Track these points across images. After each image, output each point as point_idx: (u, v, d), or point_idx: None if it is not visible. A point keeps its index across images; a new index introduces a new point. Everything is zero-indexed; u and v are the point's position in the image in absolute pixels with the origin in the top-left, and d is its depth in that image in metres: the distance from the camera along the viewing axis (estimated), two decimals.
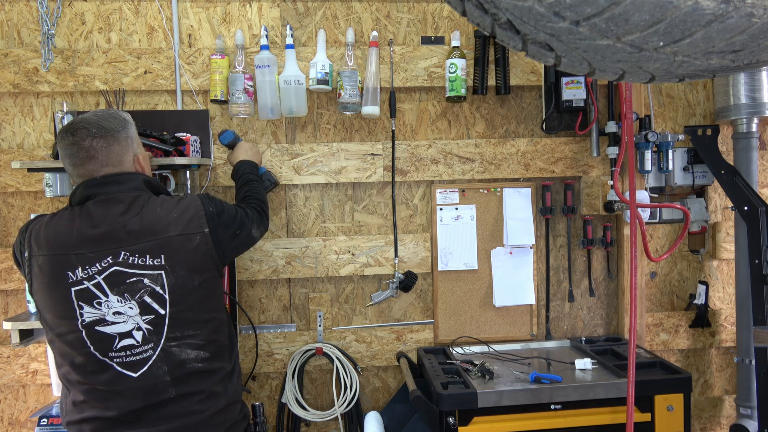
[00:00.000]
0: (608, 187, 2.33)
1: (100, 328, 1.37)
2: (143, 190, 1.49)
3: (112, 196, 1.43)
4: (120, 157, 1.49)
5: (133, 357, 1.38)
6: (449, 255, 2.38)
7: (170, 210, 1.45)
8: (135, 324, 1.37)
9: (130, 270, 1.37)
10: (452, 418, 1.85)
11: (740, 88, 2.24)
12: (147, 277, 1.38)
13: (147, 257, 1.38)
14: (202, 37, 2.28)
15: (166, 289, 1.39)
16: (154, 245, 1.39)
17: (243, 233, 1.61)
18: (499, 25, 0.83)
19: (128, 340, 1.37)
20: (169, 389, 1.40)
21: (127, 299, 1.37)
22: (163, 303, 1.39)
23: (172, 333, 1.40)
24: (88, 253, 1.37)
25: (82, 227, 1.40)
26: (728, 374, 2.53)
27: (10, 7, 2.21)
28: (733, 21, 0.69)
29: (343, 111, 2.24)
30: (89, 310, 1.36)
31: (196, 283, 1.42)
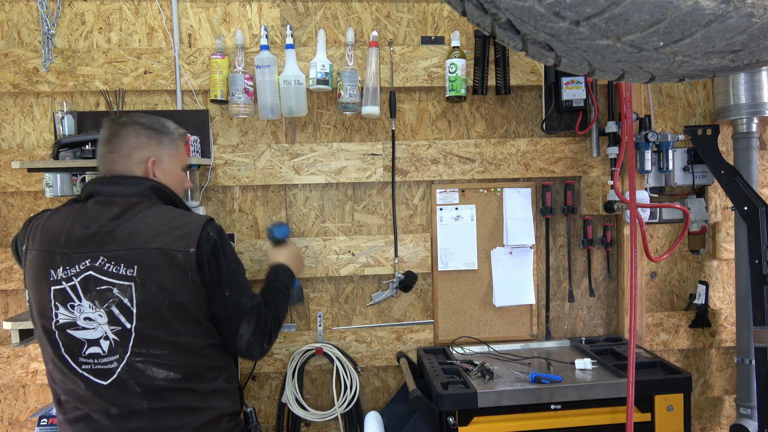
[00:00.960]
0: (608, 187, 2.33)
1: (71, 331, 1.33)
2: (147, 197, 1.42)
3: (111, 198, 1.40)
4: (131, 149, 1.45)
5: (101, 366, 1.33)
6: (449, 255, 2.38)
7: (162, 222, 1.37)
8: (103, 333, 1.33)
9: (102, 277, 1.32)
10: (452, 418, 1.85)
11: (740, 88, 2.24)
12: (116, 287, 1.32)
13: (121, 266, 1.32)
14: (202, 37, 2.28)
15: (134, 303, 1.32)
16: (130, 254, 1.33)
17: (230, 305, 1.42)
18: (499, 25, 0.83)
19: (95, 348, 1.33)
20: (141, 401, 1.34)
21: (97, 306, 1.32)
22: (129, 316, 1.32)
23: (137, 349, 1.33)
24: (72, 253, 1.34)
25: (74, 226, 1.37)
26: (728, 374, 2.53)
27: (10, 7, 2.21)
28: (733, 21, 0.69)
29: (343, 111, 2.24)
30: (63, 312, 1.34)
31: (167, 303, 1.33)
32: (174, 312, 1.34)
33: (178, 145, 1.55)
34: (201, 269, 1.35)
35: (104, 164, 1.46)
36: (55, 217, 1.42)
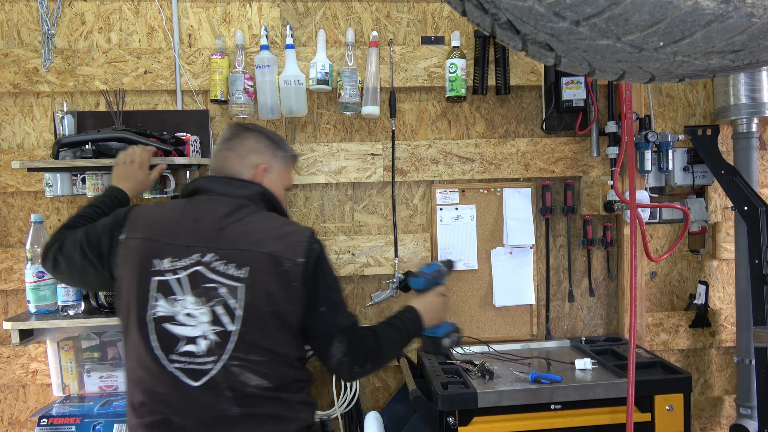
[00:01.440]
0: (608, 187, 2.33)
1: (168, 325, 1.28)
2: (255, 201, 1.43)
3: (222, 198, 1.40)
4: (247, 151, 1.50)
5: (194, 365, 1.27)
6: (449, 255, 2.38)
7: (272, 228, 1.37)
8: (203, 332, 1.28)
9: (210, 274, 1.29)
10: (452, 418, 1.85)
11: (740, 88, 2.24)
12: (224, 287, 1.28)
13: (232, 266, 1.29)
14: (202, 37, 2.28)
15: (240, 305, 1.28)
16: (242, 255, 1.30)
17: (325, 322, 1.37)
18: (499, 25, 0.83)
19: (191, 347, 1.27)
20: (232, 406, 1.28)
21: (202, 304, 1.28)
22: (233, 318, 1.28)
23: (237, 353, 1.28)
24: (180, 245, 1.31)
25: (184, 218, 1.36)
26: (728, 374, 2.53)
27: (10, 7, 2.21)
28: (733, 21, 0.69)
29: (343, 111, 2.24)
30: (163, 305, 1.29)
31: (270, 310, 1.30)
32: (276, 320, 1.31)
33: (288, 163, 1.60)
34: (304, 281, 1.33)
35: (217, 161, 1.51)
36: (160, 208, 1.42)
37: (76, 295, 1.94)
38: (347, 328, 1.41)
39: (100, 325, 2.05)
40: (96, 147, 1.91)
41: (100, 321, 1.92)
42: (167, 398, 1.29)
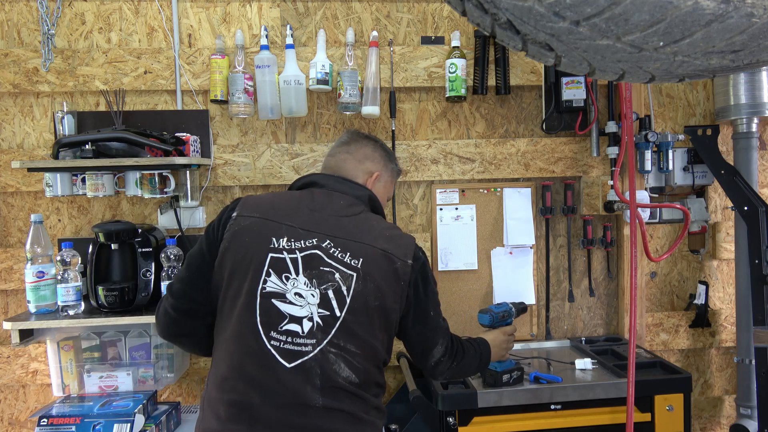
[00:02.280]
0: (608, 187, 2.33)
1: (275, 301, 1.30)
2: (365, 203, 1.49)
3: (339, 194, 1.46)
4: (363, 156, 1.57)
5: (292, 346, 1.28)
6: (449, 255, 2.38)
7: (385, 228, 1.43)
8: (309, 313, 1.29)
9: (327, 259, 1.33)
10: (452, 418, 1.85)
11: (740, 88, 2.24)
12: (339, 273, 1.32)
13: (348, 255, 1.33)
14: (202, 37, 2.28)
15: (350, 293, 1.31)
16: (358, 247, 1.35)
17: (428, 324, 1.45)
18: (499, 25, 0.83)
19: (295, 326, 1.28)
20: (317, 396, 1.27)
21: (313, 286, 1.30)
22: (342, 305, 1.30)
23: (337, 339, 1.29)
24: (300, 228, 1.35)
25: (302, 205, 1.41)
26: (728, 374, 2.53)
27: (10, 7, 2.21)
28: (733, 21, 0.69)
29: (343, 111, 2.24)
30: (274, 281, 1.31)
31: (377, 304, 1.33)
32: (378, 315, 1.34)
33: (394, 176, 1.67)
34: (410, 282, 1.38)
35: (334, 161, 1.57)
36: (274, 195, 1.49)
37: (76, 295, 1.94)
38: (447, 330, 1.51)
39: (100, 325, 2.05)
40: (96, 147, 1.91)
41: (100, 321, 1.92)
42: (254, 376, 1.28)
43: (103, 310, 1.94)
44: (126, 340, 2.11)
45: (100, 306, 1.94)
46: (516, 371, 1.93)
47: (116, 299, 1.93)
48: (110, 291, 1.93)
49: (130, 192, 2.08)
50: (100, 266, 2.00)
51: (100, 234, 1.94)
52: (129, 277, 1.99)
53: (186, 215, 2.24)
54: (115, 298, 1.93)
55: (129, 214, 2.28)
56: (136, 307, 1.97)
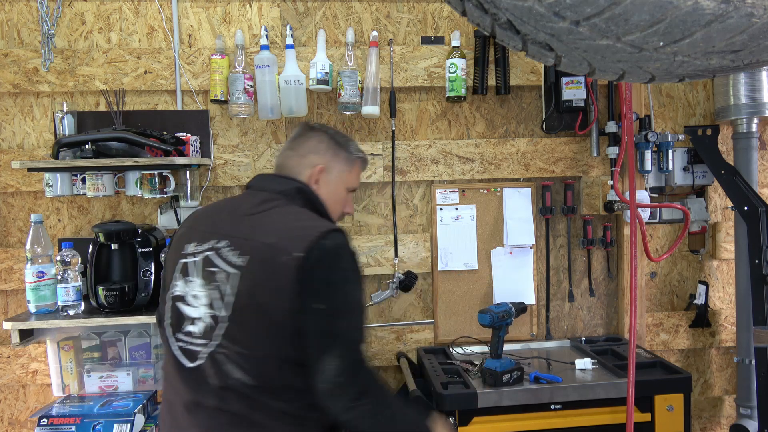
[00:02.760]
0: (608, 187, 2.33)
1: (179, 304, 1.33)
2: (290, 196, 1.41)
3: (258, 192, 1.44)
4: (307, 151, 1.50)
5: (192, 346, 1.29)
6: (449, 255, 2.38)
7: (287, 221, 1.33)
8: (201, 314, 1.28)
9: (216, 259, 1.30)
10: (452, 418, 1.85)
11: (740, 88, 2.24)
12: (225, 273, 1.27)
13: (236, 253, 1.27)
14: (202, 37, 2.28)
15: (233, 292, 1.24)
16: (247, 244, 1.28)
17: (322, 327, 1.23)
18: (499, 25, 0.83)
19: (193, 327, 1.29)
20: (210, 396, 1.25)
21: (205, 286, 1.29)
22: (226, 305, 1.25)
23: (224, 339, 1.24)
24: (207, 232, 1.37)
25: (221, 210, 1.44)
26: (728, 374, 2.53)
27: (10, 7, 2.21)
28: (733, 21, 0.69)
29: (343, 111, 2.24)
30: (180, 284, 1.34)
31: (258, 302, 1.23)
32: (263, 314, 1.23)
33: (352, 166, 1.57)
34: (298, 277, 1.20)
35: (279, 159, 1.55)
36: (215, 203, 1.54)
37: (76, 295, 1.94)
38: (351, 343, 1.26)
39: (100, 325, 2.05)
40: (96, 147, 1.91)
41: (100, 321, 1.92)
42: (171, 377, 1.35)
43: (103, 310, 1.94)
44: (126, 340, 2.11)
45: (100, 306, 1.94)
46: (516, 371, 1.93)
47: (116, 299, 1.93)
48: (110, 291, 1.93)
49: (130, 192, 2.09)
50: (100, 266, 2.00)
51: (100, 234, 1.95)
52: (129, 277, 1.99)
53: (186, 215, 2.23)
54: (115, 298, 1.93)
55: (129, 214, 2.28)
56: (136, 307, 1.97)
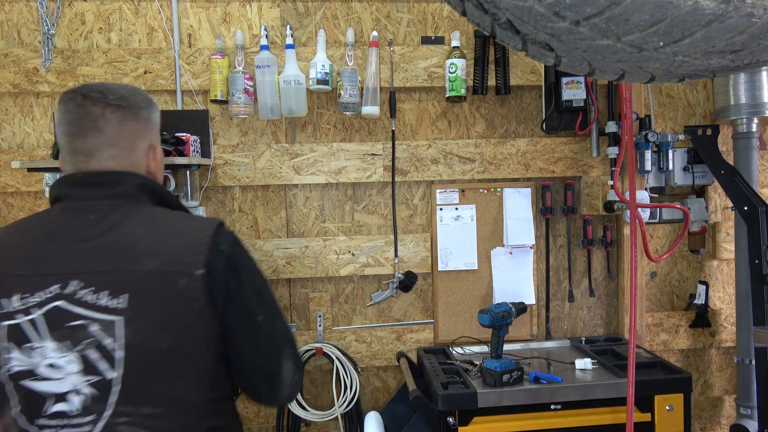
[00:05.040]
0: (608, 187, 2.33)
1: (28, 382, 0.97)
2: (133, 197, 1.08)
3: (87, 203, 1.06)
4: (133, 140, 1.11)
5: (70, 429, 0.97)
6: (449, 255, 2.38)
7: (159, 232, 1.04)
8: (73, 385, 0.97)
9: (75, 308, 0.98)
10: (452, 418, 1.85)
11: (740, 88, 2.24)
12: (96, 323, 0.97)
13: (103, 294, 0.98)
14: (202, 37, 2.28)
15: (121, 345, 0.97)
16: (117, 279, 0.98)
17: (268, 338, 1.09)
18: (499, 25, 0.83)
19: (62, 406, 0.97)
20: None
21: (67, 349, 0.97)
22: (113, 363, 0.97)
23: (123, 407, 0.97)
24: (32, 276, 0.99)
25: (36, 241, 1.04)
26: (728, 374, 2.53)
27: (10, 7, 2.21)
28: (733, 21, 0.69)
29: (343, 111, 2.24)
30: (18, 356, 0.98)
31: (167, 345, 0.99)
32: (175, 358, 1.00)
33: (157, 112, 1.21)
34: (210, 298, 1.01)
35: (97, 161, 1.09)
36: (13, 230, 1.09)
37: None
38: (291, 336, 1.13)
39: None
40: None
41: None
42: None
43: None
44: None
45: None
46: (516, 371, 1.93)
47: None
48: None
49: None
50: None
51: None
52: None
53: None
54: None
55: None
56: None
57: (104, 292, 0.98)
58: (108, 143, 1.08)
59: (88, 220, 1.03)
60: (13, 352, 0.98)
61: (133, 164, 1.12)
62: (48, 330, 0.97)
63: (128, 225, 1.03)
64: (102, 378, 0.97)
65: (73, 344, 0.97)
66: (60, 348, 0.97)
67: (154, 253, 1.01)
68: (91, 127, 1.07)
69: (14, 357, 0.98)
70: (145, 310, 0.98)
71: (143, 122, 1.14)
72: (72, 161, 1.09)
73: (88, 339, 0.97)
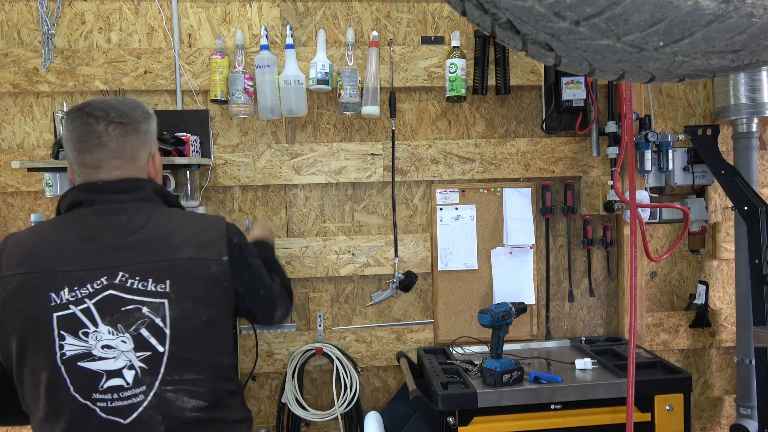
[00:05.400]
0: (608, 187, 2.33)
1: (84, 363, 1.13)
2: (153, 200, 1.27)
3: (114, 206, 1.21)
4: (135, 151, 1.27)
5: (121, 401, 1.14)
6: (449, 255, 2.38)
7: (184, 227, 1.24)
8: (127, 361, 1.14)
9: (127, 295, 1.15)
10: (452, 418, 1.85)
11: (740, 88, 2.24)
12: (147, 306, 1.16)
13: (149, 281, 1.16)
14: (202, 37, 2.28)
15: (167, 322, 1.17)
16: (159, 267, 1.17)
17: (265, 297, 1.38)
18: (499, 25, 0.83)
19: (117, 380, 1.14)
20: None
21: (120, 331, 1.15)
22: (162, 338, 1.16)
23: (170, 375, 1.16)
24: (79, 271, 1.15)
25: (72, 239, 1.18)
26: (728, 374, 2.53)
27: (10, 7, 2.21)
28: (733, 21, 0.69)
29: (343, 111, 2.24)
30: (72, 342, 1.13)
31: (204, 319, 1.20)
32: (209, 329, 1.22)
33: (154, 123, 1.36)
34: (234, 278, 1.25)
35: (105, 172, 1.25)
36: (37, 234, 1.22)
37: None
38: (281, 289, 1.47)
39: None
40: None
41: None
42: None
43: None
44: None
45: None
46: (516, 371, 1.93)
47: None
48: None
49: None
50: None
51: None
52: None
53: None
54: None
55: None
56: None
57: (149, 280, 1.17)
58: (113, 156, 1.24)
59: (120, 220, 1.20)
60: (67, 339, 1.13)
61: (136, 172, 1.28)
62: (100, 316, 1.14)
63: (157, 222, 1.22)
64: (153, 352, 1.16)
65: (126, 326, 1.15)
66: (113, 331, 1.15)
67: (187, 245, 1.21)
68: (96, 143, 1.23)
69: (67, 343, 1.13)
70: (185, 292, 1.18)
71: (143, 135, 1.29)
72: (81, 173, 1.25)
73: (141, 320, 1.15)
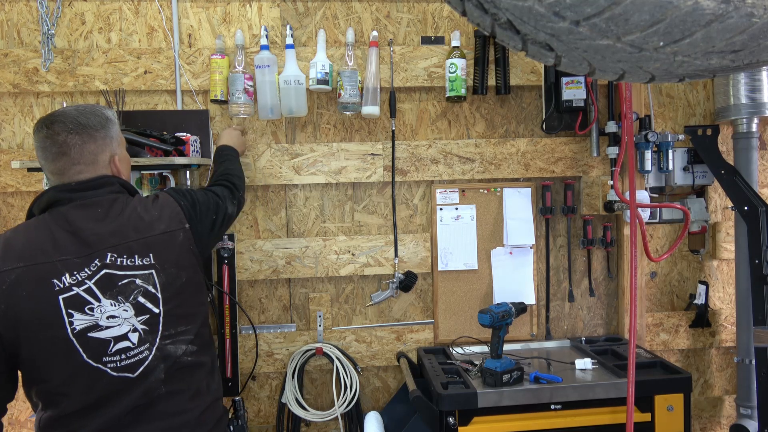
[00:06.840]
0: (608, 187, 2.33)
1: (93, 334, 1.31)
2: (121, 192, 1.45)
3: (90, 200, 1.38)
4: (94, 156, 1.41)
5: (129, 360, 1.34)
6: (449, 255, 2.38)
7: (150, 209, 1.44)
8: (130, 326, 1.34)
9: (120, 272, 1.34)
10: (452, 418, 1.85)
11: (740, 88, 2.24)
12: (139, 278, 1.36)
13: (135, 257, 1.36)
14: (202, 37, 2.28)
15: (158, 288, 1.38)
16: (140, 244, 1.37)
17: (219, 216, 1.64)
18: (499, 25, 0.83)
19: (124, 343, 1.34)
20: (160, 386, 1.38)
21: (120, 302, 1.34)
22: (156, 301, 1.38)
23: (167, 330, 1.39)
24: (74, 258, 1.31)
25: (60, 232, 1.34)
26: (728, 374, 2.53)
27: (10, 7, 2.21)
28: (733, 21, 0.69)
29: (343, 111, 2.24)
30: (80, 317, 1.30)
31: (184, 279, 1.43)
32: (190, 286, 1.45)
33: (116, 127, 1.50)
34: (196, 237, 1.49)
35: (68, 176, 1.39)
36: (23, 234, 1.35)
37: None
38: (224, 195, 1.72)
39: None
40: None
41: None
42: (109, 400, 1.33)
43: None
44: None
45: None
46: (516, 371, 1.93)
47: None
48: None
49: None
50: None
51: None
52: None
53: None
54: None
55: None
56: None
57: (135, 256, 1.36)
58: (74, 163, 1.39)
59: (98, 212, 1.37)
60: (75, 316, 1.30)
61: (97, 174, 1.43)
62: (101, 292, 1.32)
63: (130, 209, 1.41)
64: (151, 315, 1.37)
65: (125, 297, 1.35)
66: (114, 303, 1.33)
67: (157, 221, 1.42)
68: (57, 152, 1.38)
69: (76, 319, 1.30)
70: (166, 260, 1.40)
71: (101, 140, 1.43)
72: (52, 178, 1.41)
73: (137, 289, 1.35)
